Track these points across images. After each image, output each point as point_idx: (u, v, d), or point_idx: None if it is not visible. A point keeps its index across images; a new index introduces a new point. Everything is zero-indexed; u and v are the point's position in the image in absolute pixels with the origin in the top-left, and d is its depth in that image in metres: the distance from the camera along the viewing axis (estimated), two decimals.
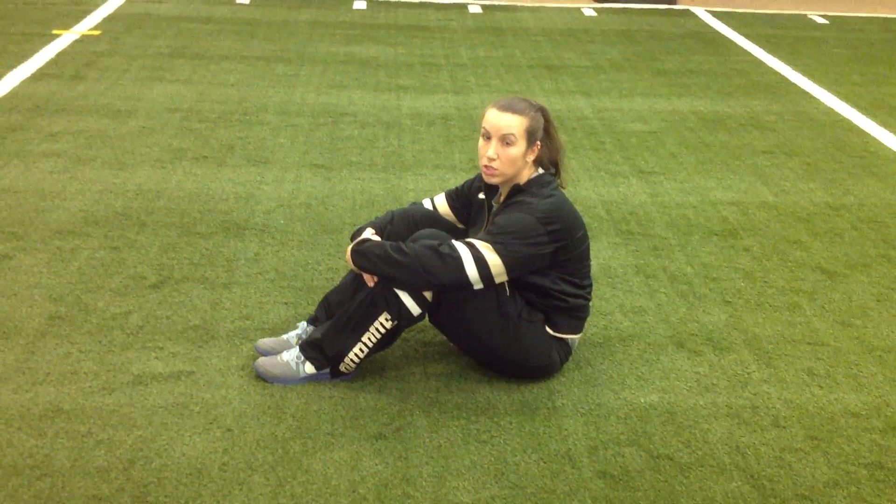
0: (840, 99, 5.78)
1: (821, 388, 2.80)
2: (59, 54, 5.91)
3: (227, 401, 2.59)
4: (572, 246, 2.67)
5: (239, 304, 3.09)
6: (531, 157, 2.67)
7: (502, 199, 2.72)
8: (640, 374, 2.82)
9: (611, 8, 8.31)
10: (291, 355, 2.71)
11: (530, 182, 2.67)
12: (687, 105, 5.51)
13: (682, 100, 5.62)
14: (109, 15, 7.07)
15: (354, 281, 2.80)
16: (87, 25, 6.70)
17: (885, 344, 3.06)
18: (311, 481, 2.31)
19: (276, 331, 2.95)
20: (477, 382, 2.74)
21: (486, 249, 2.54)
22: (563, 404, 2.66)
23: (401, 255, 2.54)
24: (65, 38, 6.29)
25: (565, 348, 2.77)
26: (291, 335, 2.84)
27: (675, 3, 8.61)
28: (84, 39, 6.31)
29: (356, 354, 2.66)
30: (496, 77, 5.93)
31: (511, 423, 2.57)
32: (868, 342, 3.06)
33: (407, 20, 7.45)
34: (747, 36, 7.41)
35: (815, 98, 5.79)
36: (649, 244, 3.68)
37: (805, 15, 8.42)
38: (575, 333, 2.77)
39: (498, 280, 2.58)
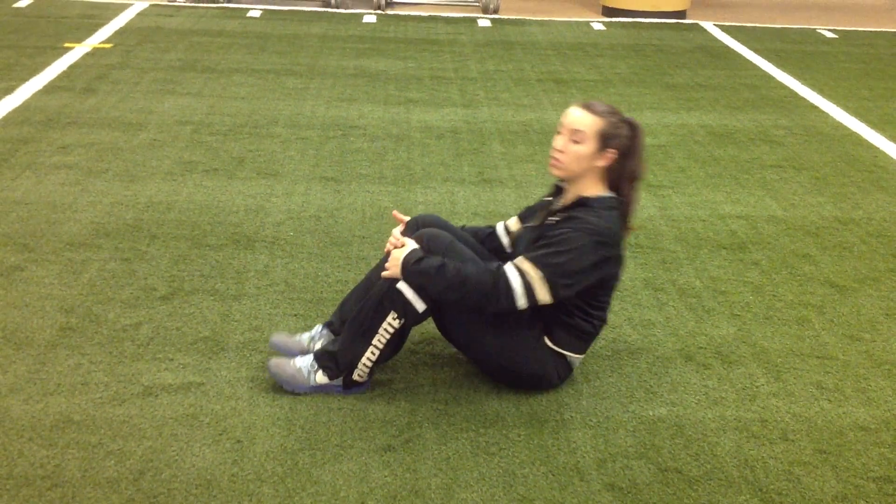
0: (849, 113, 5.78)
1: (829, 401, 2.80)
2: (71, 67, 5.96)
3: (237, 412, 2.60)
4: (609, 276, 2.68)
5: (249, 316, 3.10)
6: (601, 163, 2.65)
7: (563, 203, 2.70)
8: (648, 387, 2.83)
9: (620, 22, 8.34)
10: (305, 362, 2.72)
11: (597, 200, 2.65)
12: (696, 119, 5.52)
13: (691, 114, 5.63)
14: (121, 28, 7.12)
15: (368, 286, 2.81)
16: (98, 38, 6.75)
17: (894, 358, 3.05)
18: (320, 493, 2.32)
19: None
20: (486, 395, 2.75)
21: (537, 281, 2.54)
22: (571, 417, 2.67)
23: (458, 278, 2.54)
24: (77, 52, 6.34)
25: (563, 365, 2.75)
26: (305, 336, 2.85)
27: (684, 17, 8.63)
28: (96, 52, 6.36)
29: (368, 359, 2.67)
30: (505, 91, 5.95)
31: (519, 436, 2.57)
32: (877, 356, 3.06)
33: (417, 34, 7.48)
34: (756, 50, 7.43)
35: (824, 112, 5.80)
36: (658, 258, 3.69)
37: (814, 29, 8.44)
38: (575, 353, 2.75)
39: (550, 302, 2.60)
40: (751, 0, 10.01)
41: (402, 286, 2.62)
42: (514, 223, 2.97)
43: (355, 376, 2.70)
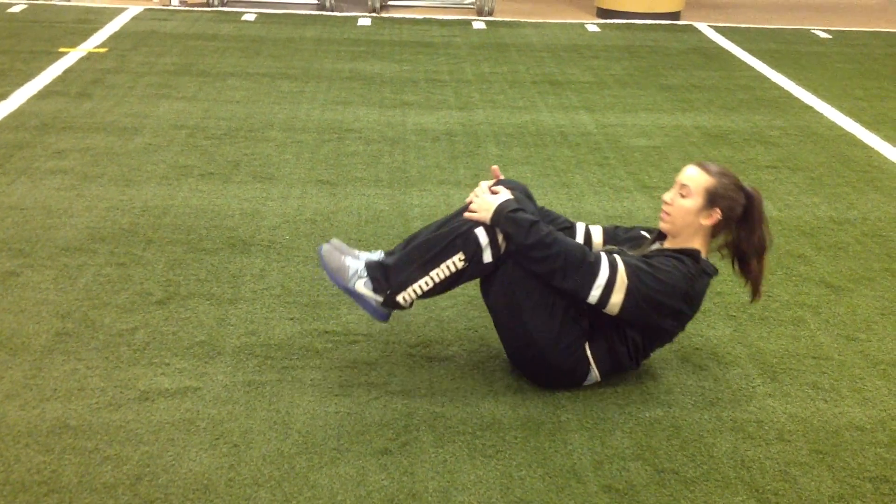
0: (843, 113, 5.80)
1: (825, 402, 2.81)
2: (66, 72, 5.96)
3: (234, 416, 2.60)
4: (669, 330, 2.74)
5: (245, 320, 3.11)
6: (706, 222, 2.69)
7: (671, 246, 2.75)
8: (644, 388, 2.83)
9: (614, 24, 8.35)
10: (355, 264, 2.73)
11: (704, 261, 2.72)
12: (690, 120, 5.53)
13: (686, 115, 5.64)
14: (116, 32, 7.12)
15: (441, 225, 2.81)
16: (93, 43, 6.75)
17: (890, 358, 3.06)
18: (316, 497, 2.32)
19: (283, 346, 2.96)
20: (482, 397, 2.75)
21: (620, 287, 2.58)
22: (568, 419, 2.67)
23: (549, 239, 2.57)
24: (71, 56, 6.34)
25: (583, 373, 2.75)
26: (364, 253, 2.84)
27: (678, 18, 8.65)
28: (91, 57, 6.36)
29: (420, 287, 2.69)
30: (500, 93, 5.96)
31: (516, 438, 2.58)
32: (873, 356, 3.07)
33: (411, 37, 7.49)
34: (750, 51, 7.44)
35: (818, 113, 5.81)
36: None
37: (808, 30, 8.46)
38: (601, 370, 2.75)
39: (610, 311, 2.63)
40: (745, 1, 10.03)
41: (480, 233, 2.64)
42: (597, 234, 2.97)
43: (399, 298, 2.71)
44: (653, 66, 6.83)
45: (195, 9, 8.16)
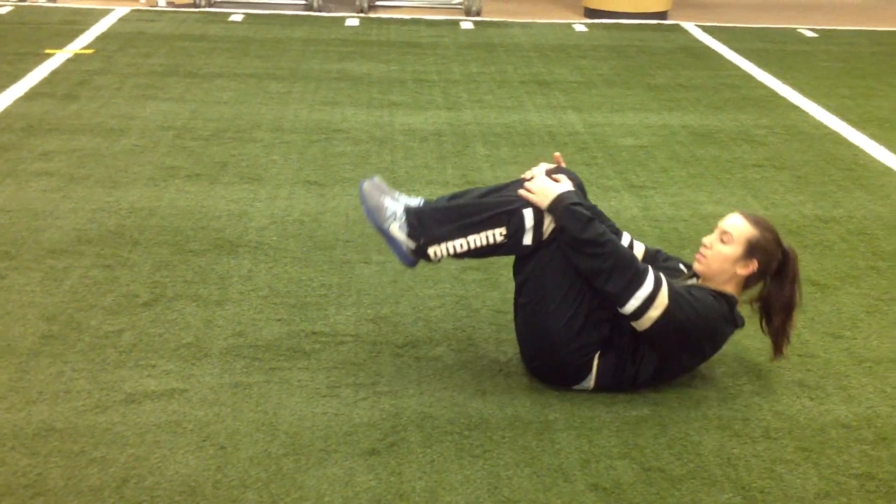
0: (829, 112, 5.82)
1: (811, 399, 2.82)
2: (53, 73, 5.93)
3: (220, 418, 2.60)
4: (688, 363, 2.79)
5: (232, 322, 3.10)
6: (741, 271, 2.72)
7: (708, 285, 2.78)
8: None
9: (601, 23, 8.36)
10: (393, 206, 2.72)
11: (736, 310, 2.76)
12: (678, 119, 5.55)
13: (673, 114, 5.65)
14: (102, 34, 7.10)
15: (489, 193, 2.82)
16: (80, 44, 6.72)
17: (875, 355, 3.07)
18: (304, 498, 2.32)
19: (270, 347, 2.96)
20: (470, 397, 2.75)
21: (659, 306, 2.58)
22: (555, 418, 2.68)
23: (604, 238, 2.57)
24: (58, 58, 6.31)
25: (581, 376, 2.75)
26: (404, 196, 2.82)
27: (665, 18, 8.67)
28: (77, 58, 6.34)
29: (454, 248, 2.69)
30: (488, 93, 5.96)
31: (504, 438, 2.58)
32: (858, 354, 3.08)
33: (399, 37, 7.49)
34: (737, 50, 7.46)
35: (804, 111, 5.83)
36: None
37: (794, 29, 8.48)
38: (597, 381, 2.75)
39: (639, 326, 2.64)
40: (731, 0, 10.06)
41: (528, 214, 2.64)
42: (639, 249, 2.98)
43: (431, 251, 2.70)
44: (640, 66, 6.85)
45: (182, 9, 8.14)
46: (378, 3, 8.76)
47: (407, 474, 2.42)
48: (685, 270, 2.94)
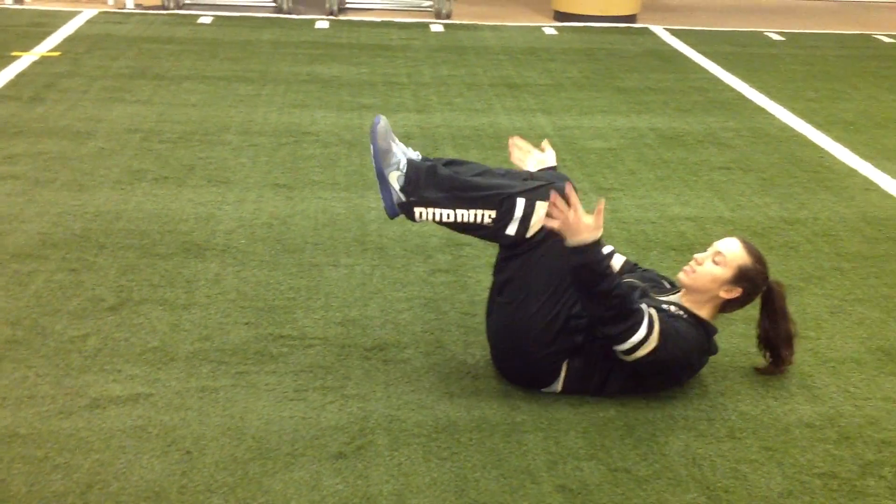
0: (795, 115, 5.88)
1: (776, 399, 2.85)
2: (19, 76, 5.88)
3: (186, 423, 2.58)
4: (659, 386, 2.80)
5: (199, 325, 3.08)
6: (725, 295, 2.76)
7: (685, 306, 2.80)
8: None
9: (571, 27, 8.40)
10: (401, 154, 2.73)
11: (713, 340, 2.80)
12: (646, 122, 5.58)
13: (641, 117, 5.69)
14: (70, 36, 7.04)
15: (486, 172, 2.82)
16: (47, 47, 6.66)
17: (839, 355, 3.11)
18: (270, 502, 2.31)
19: (237, 351, 2.95)
20: (437, 400, 2.76)
21: (650, 342, 2.59)
22: (523, 420, 2.68)
23: (616, 291, 2.55)
24: (24, 60, 6.25)
25: (546, 381, 2.77)
26: (408, 150, 2.81)
27: (634, 21, 8.72)
28: (44, 61, 6.28)
29: (440, 215, 2.70)
30: (458, 95, 5.97)
31: (471, 440, 2.59)
32: (822, 353, 3.12)
33: (370, 39, 7.48)
34: (705, 53, 7.52)
35: (770, 114, 5.89)
36: None
37: (761, 32, 8.57)
38: (564, 385, 2.76)
39: (625, 359, 2.65)
40: (700, 4, 10.14)
41: (519, 203, 2.63)
42: (618, 262, 3.04)
43: (417, 211, 2.71)
44: (609, 69, 6.88)
45: (150, 11, 8.09)
46: (348, 5, 8.75)
47: (374, 477, 2.42)
48: (667, 285, 2.98)
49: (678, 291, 2.88)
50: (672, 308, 2.77)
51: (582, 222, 2.50)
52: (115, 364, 2.84)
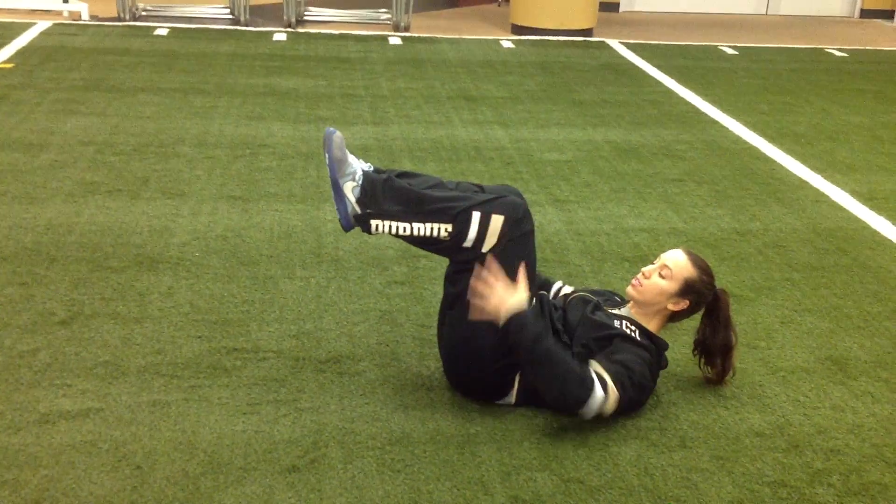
0: (748, 128, 5.97)
1: (726, 409, 2.88)
2: None
3: (137, 437, 2.56)
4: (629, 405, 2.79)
5: (151, 339, 3.06)
6: (672, 307, 2.80)
7: (632, 321, 2.84)
8: None
9: (528, 40, 8.47)
10: (357, 166, 2.72)
11: (664, 355, 2.84)
12: (601, 135, 5.64)
13: (597, 130, 5.74)
14: (23, 48, 6.96)
15: (446, 186, 2.81)
16: None
17: (789, 365, 3.16)
18: None
19: (190, 365, 2.92)
20: (392, 412, 2.75)
21: (612, 394, 2.63)
22: (477, 431, 2.69)
23: (555, 358, 2.59)
24: None
25: (504, 391, 2.77)
26: (362, 162, 2.80)
27: (591, 35, 8.81)
28: None
29: (397, 228, 2.68)
30: (416, 108, 5.99)
31: (426, 452, 2.59)
32: (772, 363, 3.16)
33: (327, 52, 7.48)
34: (660, 67, 7.62)
35: (724, 127, 5.98)
36: (564, 271, 3.75)
37: (716, 46, 8.69)
38: (518, 394, 2.78)
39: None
40: (655, 18, 10.27)
41: (475, 217, 2.62)
42: (566, 291, 3.10)
43: (373, 224, 2.70)
44: (565, 82, 6.94)
45: (106, 23, 8.02)
46: (306, 17, 8.75)
47: (327, 491, 2.41)
48: (618, 298, 3.03)
49: (627, 303, 2.90)
50: (624, 323, 2.80)
51: (506, 294, 2.61)
52: (66, 378, 2.81)
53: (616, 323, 2.80)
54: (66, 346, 2.98)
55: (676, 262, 2.81)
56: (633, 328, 2.80)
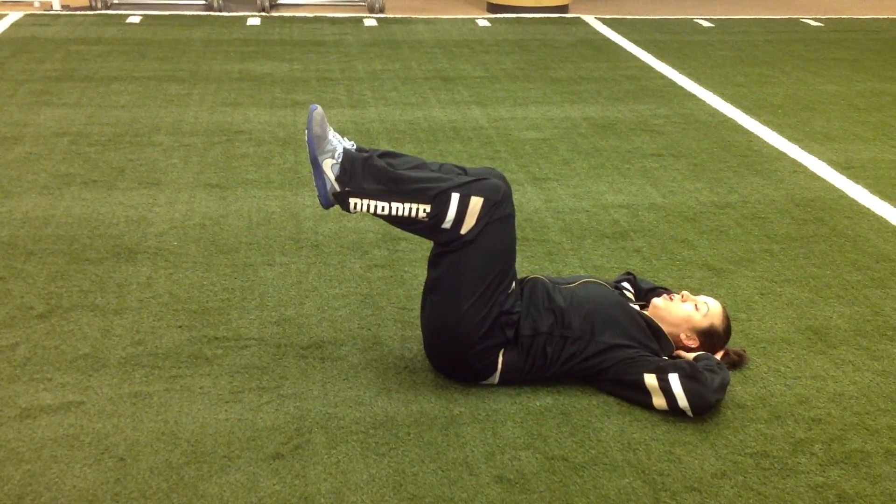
0: (725, 100, 5.98)
1: None
2: None
3: (119, 429, 2.55)
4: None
5: (131, 330, 3.04)
6: (685, 338, 2.91)
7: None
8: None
9: (504, 18, 8.43)
10: (337, 143, 2.71)
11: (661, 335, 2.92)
12: (579, 112, 5.63)
13: (575, 106, 5.73)
14: None
15: (431, 167, 2.79)
16: None
17: (769, 336, 3.17)
18: None
19: (171, 355, 2.91)
20: (375, 395, 2.75)
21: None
22: (460, 412, 2.69)
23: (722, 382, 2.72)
24: None
25: (488, 372, 2.78)
26: (344, 140, 2.79)
27: (566, 11, 8.78)
28: None
29: (375, 207, 2.67)
30: (393, 90, 5.96)
31: (409, 435, 2.59)
32: (753, 335, 3.18)
33: (302, 35, 7.43)
34: (636, 42, 7.60)
35: (701, 100, 5.98)
36: (544, 249, 3.75)
37: (691, 19, 8.68)
38: (501, 374, 2.78)
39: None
40: None
41: (454, 198, 2.62)
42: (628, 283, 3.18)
43: (352, 202, 2.68)
44: (542, 60, 6.92)
45: (77, 13, 7.93)
46: (280, 1, 8.68)
47: (311, 476, 2.41)
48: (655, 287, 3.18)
49: (645, 307, 2.99)
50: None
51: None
52: (46, 372, 2.79)
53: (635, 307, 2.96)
54: (45, 340, 2.96)
55: (713, 307, 2.92)
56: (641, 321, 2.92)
